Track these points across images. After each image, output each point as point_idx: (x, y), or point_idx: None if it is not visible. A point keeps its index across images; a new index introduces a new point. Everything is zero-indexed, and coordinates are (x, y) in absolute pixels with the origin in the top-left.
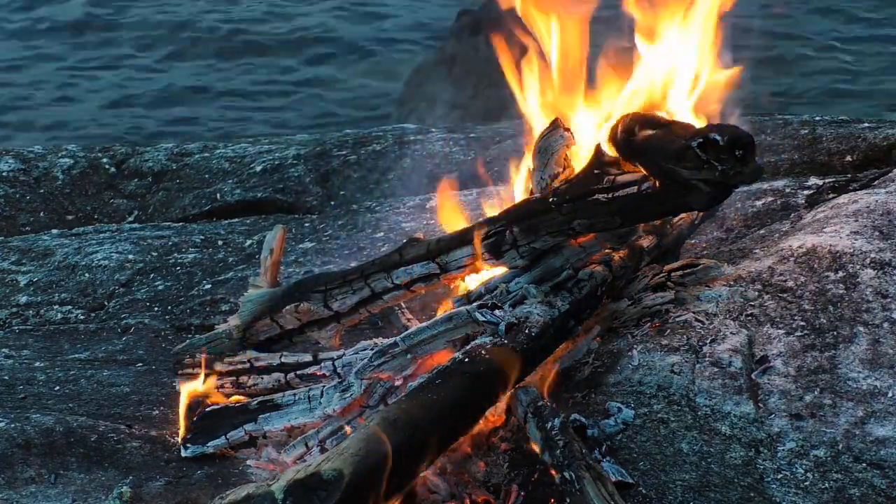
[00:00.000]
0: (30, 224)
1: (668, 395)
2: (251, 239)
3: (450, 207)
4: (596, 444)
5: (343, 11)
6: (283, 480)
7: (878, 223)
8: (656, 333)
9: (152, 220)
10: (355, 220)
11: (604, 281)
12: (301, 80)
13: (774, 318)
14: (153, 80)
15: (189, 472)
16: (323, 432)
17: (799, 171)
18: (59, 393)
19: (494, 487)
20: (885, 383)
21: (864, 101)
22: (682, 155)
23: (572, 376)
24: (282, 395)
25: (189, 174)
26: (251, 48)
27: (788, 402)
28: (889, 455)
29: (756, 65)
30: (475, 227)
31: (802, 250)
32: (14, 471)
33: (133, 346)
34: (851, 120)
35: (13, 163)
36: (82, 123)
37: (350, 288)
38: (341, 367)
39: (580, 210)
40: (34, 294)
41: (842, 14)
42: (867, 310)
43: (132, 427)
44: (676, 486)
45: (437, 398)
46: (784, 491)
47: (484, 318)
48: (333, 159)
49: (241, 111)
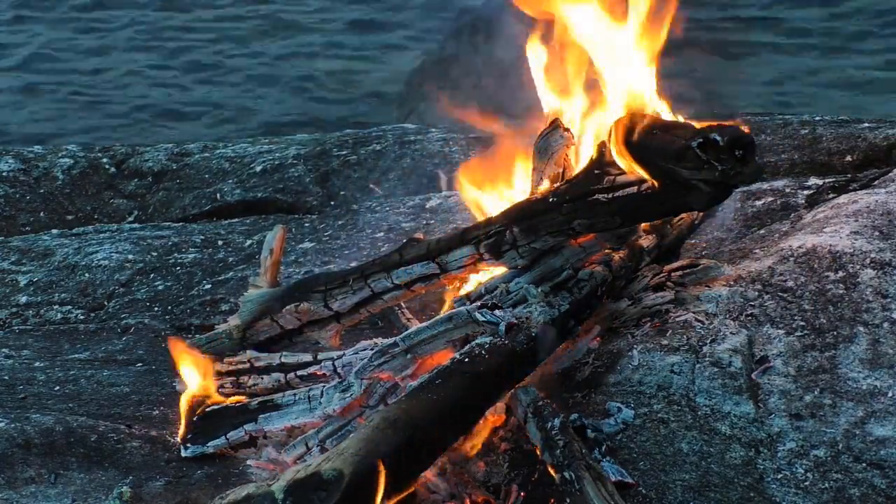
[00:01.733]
0: (30, 224)
1: (668, 395)
2: (251, 239)
3: (472, 182)
4: (596, 444)
5: (343, 10)
6: (283, 480)
7: (878, 223)
8: (656, 333)
9: (152, 220)
10: (355, 220)
11: (604, 281)
12: (301, 80)
13: (774, 318)
14: (153, 80)
15: (189, 472)
16: (323, 432)
17: (799, 171)
18: (59, 393)
19: (494, 487)
20: (885, 383)
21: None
22: (683, 155)
23: (572, 376)
24: (282, 395)
25: (189, 174)
26: (251, 48)
27: (788, 402)
28: (889, 455)
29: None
30: (475, 227)
31: (802, 250)
32: (14, 471)
33: (133, 346)
34: (851, 120)
35: (13, 163)
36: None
37: (350, 288)
38: (341, 367)
39: (580, 210)
40: (34, 294)
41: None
42: (867, 310)
43: (132, 427)
44: (676, 486)
45: (437, 398)
46: (784, 491)
47: (484, 318)
48: (333, 159)
49: (241, 111)
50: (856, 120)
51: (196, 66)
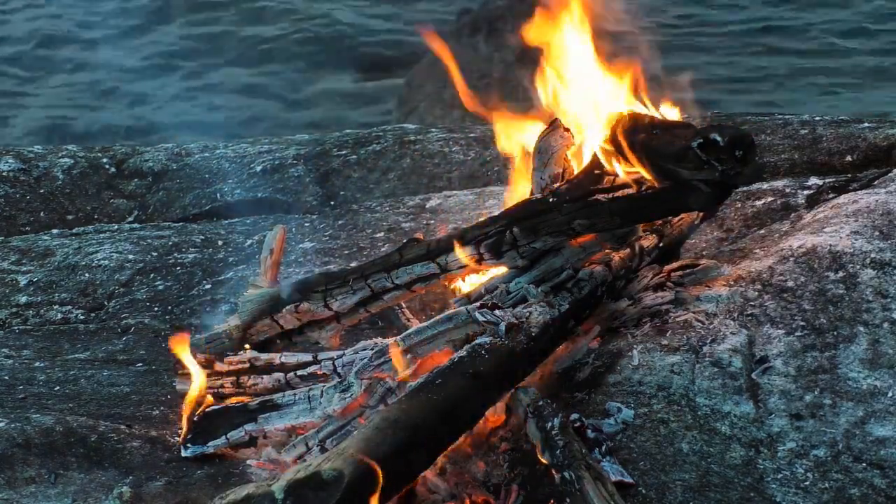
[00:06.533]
0: (30, 224)
1: (668, 394)
2: (251, 239)
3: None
4: (596, 444)
5: (343, 10)
6: (283, 480)
7: (878, 223)
8: (656, 333)
9: (152, 220)
10: (355, 220)
11: (604, 281)
12: (300, 79)
13: (774, 318)
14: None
15: (189, 472)
16: (323, 432)
17: (799, 171)
18: (59, 393)
19: (494, 487)
20: (885, 383)
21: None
22: (683, 155)
23: (572, 376)
24: (282, 395)
25: (189, 174)
26: (251, 47)
27: (788, 402)
28: (889, 455)
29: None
30: (475, 227)
31: (802, 250)
32: (14, 471)
33: (133, 346)
34: (851, 120)
35: (13, 163)
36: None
37: (350, 288)
38: (341, 367)
39: (580, 210)
40: (34, 294)
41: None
42: (867, 310)
43: (132, 427)
44: (676, 486)
45: (437, 398)
46: (784, 491)
47: (484, 318)
48: (333, 159)
49: (241, 111)
50: (856, 120)
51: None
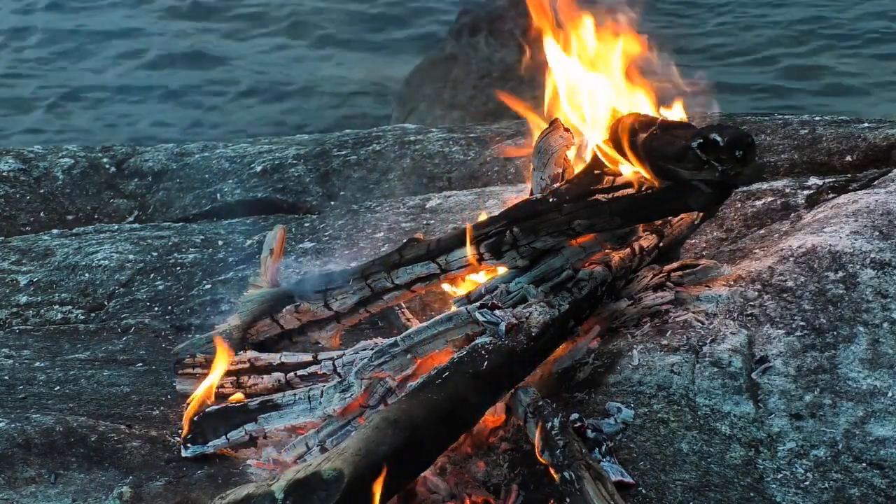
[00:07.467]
0: (30, 224)
1: (667, 394)
2: (251, 239)
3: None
4: (596, 444)
5: (343, 10)
6: (283, 480)
7: (878, 223)
8: (656, 333)
9: (152, 220)
10: (355, 220)
11: (604, 281)
12: (300, 79)
13: (774, 318)
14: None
15: (189, 472)
16: (323, 432)
17: (799, 171)
18: (59, 393)
19: (494, 487)
20: (885, 383)
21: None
22: (683, 156)
23: (572, 376)
24: (282, 395)
25: (189, 174)
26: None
27: (788, 402)
28: (889, 455)
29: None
30: (475, 227)
31: (802, 250)
32: (14, 471)
33: (133, 346)
34: (851, 120)
35: (13, 163)
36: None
37: (350, 288)
38: (341, 367)
39: (580, 210)
40: (34, 294)
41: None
42: (867, 310)
43: (132, 427)
44: (676, 486)
45: (437, 398)
46: (784, 491)
47: (484, 318)
48: (333, 159)
49: (240, 110)
50: (856, 120)
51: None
